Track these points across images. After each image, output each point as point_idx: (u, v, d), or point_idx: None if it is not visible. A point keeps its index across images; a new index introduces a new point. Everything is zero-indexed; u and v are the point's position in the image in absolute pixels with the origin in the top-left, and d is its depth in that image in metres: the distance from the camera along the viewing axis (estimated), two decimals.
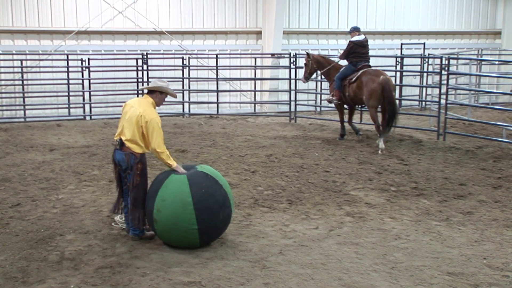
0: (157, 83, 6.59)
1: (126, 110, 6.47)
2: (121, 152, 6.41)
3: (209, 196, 6.16)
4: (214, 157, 10.83)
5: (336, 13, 18.89)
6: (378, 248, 6.36)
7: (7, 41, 15.85)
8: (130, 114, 6.38)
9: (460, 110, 16.61)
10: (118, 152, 6.44)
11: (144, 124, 6.30)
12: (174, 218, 6.06)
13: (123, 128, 6.41)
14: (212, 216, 6.14)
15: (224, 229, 6.50)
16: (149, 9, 16.94)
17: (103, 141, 12.58)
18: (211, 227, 6.19)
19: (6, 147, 11.83)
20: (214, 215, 6.16)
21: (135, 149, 6.39)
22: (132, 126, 6.34)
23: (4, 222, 7.15)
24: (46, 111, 15.90)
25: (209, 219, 6.12)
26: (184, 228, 6.06)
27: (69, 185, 8.97)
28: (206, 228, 6.13)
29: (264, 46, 17.96)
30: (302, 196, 8.40)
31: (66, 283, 5.38)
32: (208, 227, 6.14)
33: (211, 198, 6.15)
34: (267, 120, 15.97)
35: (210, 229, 6.20)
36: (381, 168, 10.13)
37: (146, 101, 6.51)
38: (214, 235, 6.37)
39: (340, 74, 12.54)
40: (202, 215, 6.06)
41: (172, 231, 6.15)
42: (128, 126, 6.36)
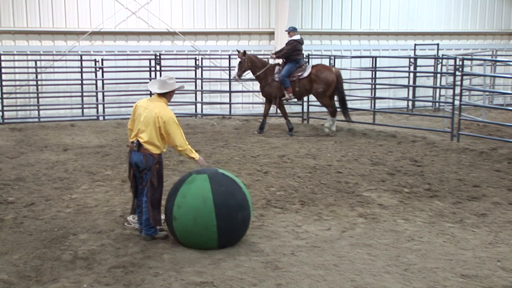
0: (168, 83, 6.60)
1: (140, 111, 6.48)
2: (139, 153, 6.43)
3: (229, 194, 6.22)
4: (226, 158, 10.84)
5: (349, 14, 18.83)
6: (391, 250, 6.33)
7: (22, 41, 15.96)
8: (145, 115, 6.40)
9: (474, 111, 16.49)
10: (136, 154, 6.46)
11: (162, 125, 6.34)
12: (194, 214, 6.11)
13: (140, 130, 6.42)
14: (231, 214, 6.17)
15: (242, 231, 6.48)
16: (162, 10, 16.99)
17: (116, 141, 12.64)
18: (230, 226, 6.20)
19: (20, 147, 11.92)
20: (234, 213, 6.19)
21: (153, 150, 6.43)
22: (149, 128, 6.37)
23: (18, 221, 7.21)
24: (60, 111, 15.99)
25: (228, 217, 6.15)
26: (204, 225, 6.09)
27: (83, 185, 9.03)
28: (225, 227, 6.13)
29: (277, 46, 17.89)
30: (315, 197, 8.38)
31: (79, 282, 5.41)
32: (227, 225, 6.15)
33: (230, 197, 6.21)
34: (280, 120, 15.94)
35: (229, 228, 6.21)
36: (394, 169, 10.09)
37: (159, 101, 6.54)
38: (233, 237, 6.35)
39: (285, 72, 13.34)
40: (221, 212, 6.09)
41: (191, 229, 6.15)
42: (145, 128, 6.39)
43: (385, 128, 14.31)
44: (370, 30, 19.09)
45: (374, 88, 16.44)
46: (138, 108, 6.56)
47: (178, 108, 16.14)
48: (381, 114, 16.43)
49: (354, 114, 16.68)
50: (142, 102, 6.65)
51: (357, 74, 18.09)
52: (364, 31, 19.03)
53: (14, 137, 12.93)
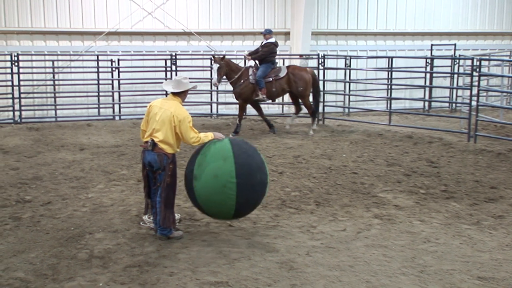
0: (183, 83, 6.66)
1: (155, 111, 6.51)
2: (153, 153, 6.46)
3: (249, 156, 6.43)
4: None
5: (365, 14, 18.74)
6: (406, 251, 6.29)
7: (39, 42, 16.11)
8: (161, 115, 6.44)
9: (491, 112, 16.34)
10: (150, 153, 6.48)
11: (178, 123, 6.40)
12: (214, 170, 6.22)
13: (155, 129, 6.45)
14: (250, 173, 6.30)
15: (259, 195, 6.51)
16: (178, 10, 17.05)
17: (132, 141, 12.70)
18: (249, 185, 6.27)
19: (37, 146, 12.02)
20: (253, 173, 6.32)
21: (168, 149, 6.46)
22: (165, 127, 6.41)
23: (35, 220, 7.27)
24: (76, 111, 16.11)
25: (248, 176, 6.26)
26: (223, 181, 6.17)
27: (99, 184, 9.08)
28: (244, 184, 6.21)
29: (293, 47, 17.92)
30: (330, 198, 8.36)
31: (95, 281, 5.44)
32: (246, 184, 6.23)
33: (250, 159, 6.40)
34: (295, 121, 15.92)
35: (248, 188, 6.26)
36: (410, 170, 10.03)
37: (174, 101, 6.59)
38: (250, 198, 6.39)
39: (261, 73, 13.37)
40: (241, 170, 6.21)
41: (211, 185, 6.23)
42: (161, 128, 6.42)
43: (401, 129, 14.24)
44: (386, 30, 18.99)
45: (390, 89, 16.37)
46: (153, 108, 6.59)
47: (194, 108, 16.18)
48: (397, 115, 16.34)
49: (369, 115, 16.67)
50: (156, 102, 6.68)
51: (373, 75, 18.01)
52: (380, 31, 18.94)
53: (31, 137, 13.05)
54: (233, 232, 6.86)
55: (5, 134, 13.28)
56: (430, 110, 17.83)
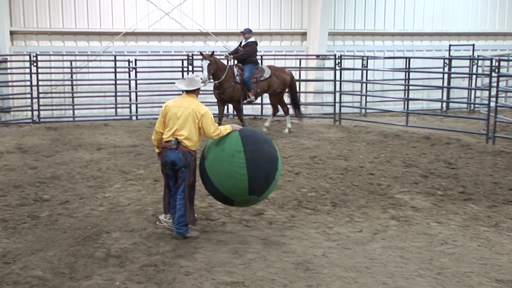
0: (196, 80, 6.83)
1: (174, 111, 6.58)
2: (177, 151, 6.52)
3: (254, 131, 6.96)
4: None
5: (382, 14, 18.64)
6: (424, 253, 6.25)
7: (58, 42, 16.25)
8: (182, 113, 6.54)
9: (510, 113, 16.17)
10: (173, 152, 6.54)
11: (200, 118, 6.54)
12: (221, 144, 6.56)
13: (178, 127, 6.52)
14: (257, 144, 6.58)
15: (271, 169, 6.60)
16: (195, 11, 17.09)
17: (149, 141, 12.73)
18: (257, 154, 6.49)
19: (55, 146, 12.12)
20: (258, 142, 6.61)
21: (191, 146, 6.58)
22: (188, 124, 6.53)
23: (53, 219, 7.33)
24: (94, 111, 16.21)
25: (254, 145, 6.53)
26: (231, 151, 6.44)
27: (116, 183, 9.14)
28: (251, 151, 6.46)
29: (309, 47, 17.88)
30: (346, 199, 8.33)
31: (112, 280, 5.47)
32: (253, 150, 6.48)
33: (255, 133, 6.87)
34: (311, 121, 15.89)
35: (256, 156, 6.47)
36: (428, 171, 9.95)
37: (191, 98, 6.74)
38: (261, 170, 6.49)
39: (249, 74, 13.24)
40: (247, 140, 6.53)
41: (220, 158, 6.48)
42: (184, 125, 6.53)
43: (419, 129, 14.15)
44: (404, 31, 18.86)
45: (408, 89, 16.26)
46: (171, 108, 6.64)
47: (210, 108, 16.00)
48: (415, 116, 16.22)
49: (387, 116, 16.58)
50: (172, 102, 6.74)
51: (390, 75, 17.91)
52: (398, 32, 18.82)
53: (49, 136, 13.16)
54: (249, 232, 6.86)
55: (24, 134, 13.41)
56: (448, 111, 17.67)
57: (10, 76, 16.02)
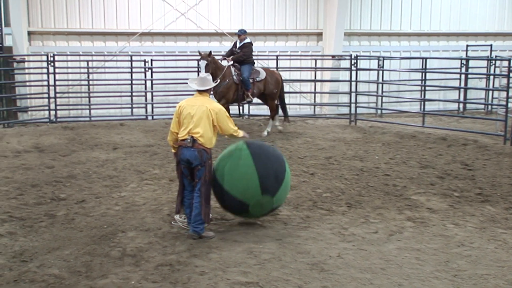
0: (208, 80, 6.96)
1: (189, 110, 6.68)
2: (193, 149, 6.61)
3: (258, 141, 7.51)
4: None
5: (398, 14, 18.54)
6: (440, 255, 6.21)
7: (74, 42, 16.37)
8: (196, 112, 6.65)
9: None
10: (189, 150, 6.62)
11: (215, 116, 6.69)
12: (227, 152, 7.01)
13: (194, 126, 6.61)
14: (261, 145, 7.21)
15: (280, 167, 6.92)
16: (211, 11, 17.12)
17: (164, 141, 12.76)
18: (262, 152, 6.93)
19: (72, 145, 12.21)
20: (263, 145, 7.25)
21: (207, 145, 6.67)
22: (203, 123, 6.63)
23: (70, 218, 7.39)
24: (110, 111, 16.29)
25: (259, 146, 7.06)
26: (238, 155, 6.86)
27: (131, 183, 9.18)
28: (256, 151, 6.89)
29: (325, 47, 17.84)
30: (362, 200, 8.30)
31: (127, 279, 5.50)
32: (259, 151, 6.91)
33: (259, 141, 7.27)
34: (327, 122, 15.85)
35: (262, 154, 6.89)
36: (444, 172, 9.88)
37: (205, 97, 6.88)
38: (269, 168, 6.80)
39: (248, 73, 13.13)
40: (251, 143, 7.05)
41: (229, 163, 6.83)
42: (199, 123, 6.63)
43: (435, 130, 14.05)
44: (420, 31, 18.75)
45: (424, 90, 16.15)
46: (185, 108, 6.74)
47: None
48: (431, 117, 16.12)
49: (403, 116, 16.48)
50: (185, 102, 6.84)
51: (406, 76, 17.81)
52: (414, 32, 18.71)
53: (66, 136, 13.25)
54: (264, 233, 6.86)
55: (41, 133, 13.52)
56: (465, 112, 17.53)
57: (27, 76, 16.18)
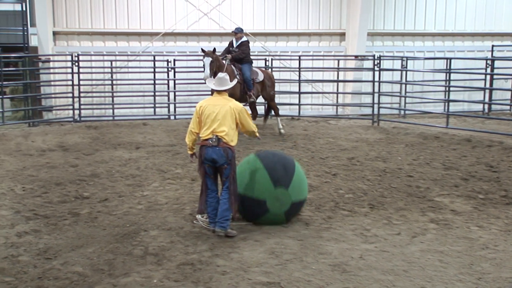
0: (226, 80, 7.05)
1: (211, 110, 6.77)
2: (218, 148, 6.69)
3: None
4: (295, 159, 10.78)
5: (423, 14, 18.39)
6: (464, 257, 6.13)
7: (98, 42, 16.54)
8: (219, 111, 6.74)
9: None
10: (214, 149, 6.70)
11: (237, 115, 6.83)
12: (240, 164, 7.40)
13: (218, 125, 6.71)
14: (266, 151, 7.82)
15: (287, 163, 7.23)
16: (233, 11, 17.16)
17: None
18: (267, 153, 7.55)
19: (95, 144, 12.33)
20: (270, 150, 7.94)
21: (231, 143, 6.78)
22: (227, 122, 6.74)
23: (93, 216, 7.45)
24: (133, 110, 16.42)
25: (264, 151, 7.67)
26: (246, 160, 7.42)
27: (154, 182, 9.23)
28: (263, 153, 7.43)
29: (348, 47, 17.76)
30: (384, 201, 8.23)
31: (149, 277, 5.53)
32: (265, 154, 7.44)
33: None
34: (349, 122, 15.77)
35: (268, 154, 7.42)
36: (468, 174, 9.76)
37: (225, 97, 6.96)
38: (277, 163, 7.13)
39: (249, 73, 12.89)
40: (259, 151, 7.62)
41: (242, 171, 7.10)
42: (224, 122, 6.73)
43: (459, 132, 13.89)
44: (444, 31, 18.59)
45: (448, 91, 15.98)
46: (207, 108, 6.82)
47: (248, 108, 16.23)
48: (455, 118, 15.96)
49: (426, 117, 16.34)
50: (206, 102, 6.94)
51: (430, 76, 17.65)
52: (439, 32, 18.55)
53: (90, 135, 13.39)
54: (286, 233, 6.84)
55: (65, 132, 13.67)
56: (490, 113, 17.33)
57: (52, 75, 16.38)
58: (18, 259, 5.96)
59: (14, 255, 6.07)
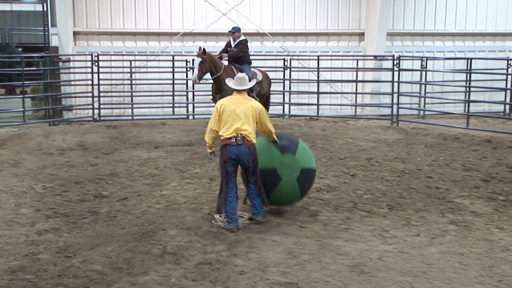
0: (246, 79, 7.24)
1: (232, 108, 6.94)
2: (243, 146, 6.90)
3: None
4: None
5: (443, 14, 18.24)
6: (484, 259, 6.06)
7: (118, 42, 16.66)
8: (241, 110, 6.94)
9: None
10: (239, 148, 6.91)
11: (257, 114, 7.04)
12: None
13: (241, 124, 6.89)
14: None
15: (287, 135, 7.75)
16: (252, 11, 17.17)
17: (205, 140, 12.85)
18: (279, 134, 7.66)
19: (115, 144, 12.41)
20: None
21: (253, 140, 7.03)
22: (249, 120, 6.96)
23: (112, 215, 7.51)
24: (152, 110, 16.51)
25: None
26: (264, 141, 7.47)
27: (172, 181, 9.27)
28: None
29: (367, 47, 17.68)
30: (403, 202, 8.18)
31: (168, 276, 5.55)
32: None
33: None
34: (368, 123, 15.70)
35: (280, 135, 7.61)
36: (489, 175, 9.65)
37: (244, 96, 7.16)
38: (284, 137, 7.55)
39: (250, 75, 12.02)
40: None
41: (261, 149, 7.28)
42: (246, 121, 6.94)
43: (480, 132, 13.75)
44: (465, 31, 18.41)
45: (469, 91, 15.83)
46: (228, 106, 6.97)
47: None
48: (475, 118, 15.80)
49: (446, 118, 16.21)
50: (226, 101, 7.09)
51: (450, 76, 17.49)
52: (459, 32, 18.39)
53: (109, 134, 13.48)
54: (304, 233, 6.83)
55: (85, 131, 13.78)
56: (511, 114, 17.12)
57: (72, 75, 16.53)
58: (38, 257, 6.02)
59: (35, 253, 6.14)
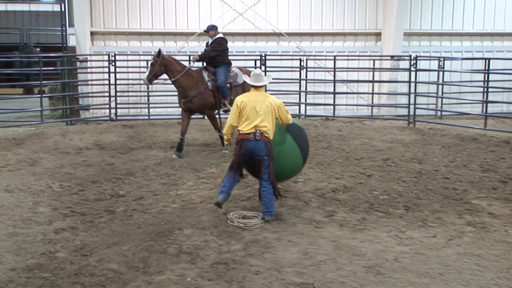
0: (263, 76, 7.46)
1: (252, 105, 7.17)
2: (260, 141, 7.10)
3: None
4: (329, 159, 10.75)
5: (461, 14, 18.09)
6: (501, 261, 6.00)
7: (135, 42, 16.74)
8: (261, 107, 7.17)
9: None
10: (256, 143, 7.11)
11: (277, 110, 7.27)
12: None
13: (260, 120, 7.10)
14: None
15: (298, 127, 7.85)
16: (269, 11, 17.17)
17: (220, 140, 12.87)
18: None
19: (131, 143, 12.48)
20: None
21: (271, 136, 7.23)
22: (268, 117, 7.18)
23: (128, 214, 7.55)
24: (168, 110, 16.55)
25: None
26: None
27: (188, 181, 9.29)
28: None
29: (384, 48, 17.59)
30: (420, 203, 8.12)
31: (183, 275, 5.57)
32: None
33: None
34: (385, 123, 15.61)
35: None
36: (507, 177, 9.55)
37: (262, 92, 7.43)
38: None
39: (224, 78, 11.45)
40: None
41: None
42: (266, 118, 7.16)
43: (498, 133, 13.60)
44: (483, 31, 18.25)
45: (487, 92, 15.68)
46: (248, 103, 7.20)
47: None
48: (494, 119, 15.65)
49: (463, 118, 16.07)
50: (246, 97, 7.31)
51: (468, 77, 17.35)
52: (477, 32, 18.22)
53: (125, 134, 13.56)
54: (320, 234, 6.81)
55: (102, 131, 13.87)
56: None
57: (90, 75, 16.65)
58: (55, 255, 6.08)
59: (52, 251, 6.19)
